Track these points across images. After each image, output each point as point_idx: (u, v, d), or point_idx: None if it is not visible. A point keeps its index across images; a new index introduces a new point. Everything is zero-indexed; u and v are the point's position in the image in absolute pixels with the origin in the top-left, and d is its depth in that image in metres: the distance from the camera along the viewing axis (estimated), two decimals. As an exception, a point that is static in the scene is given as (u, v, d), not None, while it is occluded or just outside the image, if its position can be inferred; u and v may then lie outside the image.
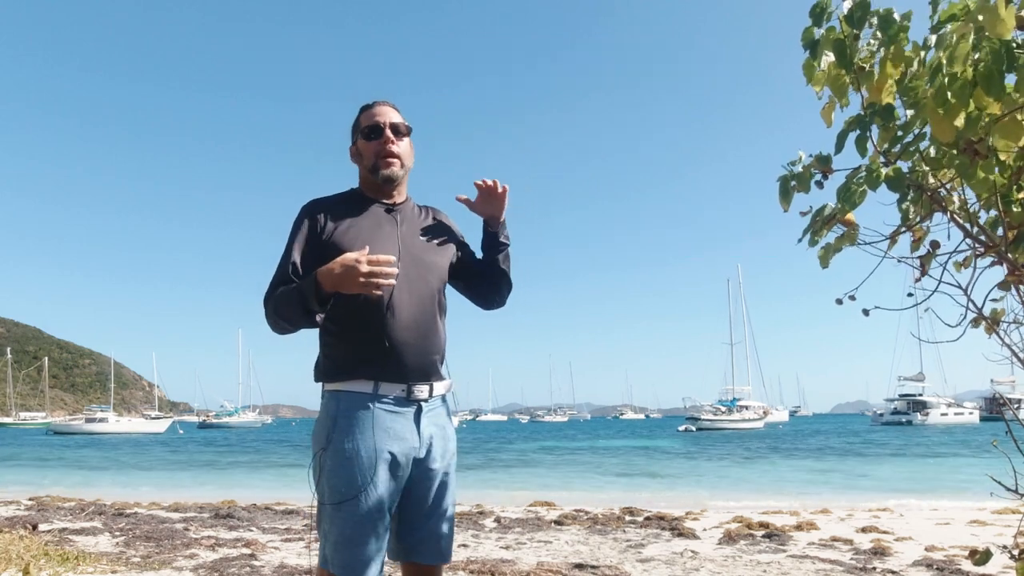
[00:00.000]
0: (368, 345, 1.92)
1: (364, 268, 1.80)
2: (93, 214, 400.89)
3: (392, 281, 1.87)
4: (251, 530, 6.85)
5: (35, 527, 6.51)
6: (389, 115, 2.06)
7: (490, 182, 2.11)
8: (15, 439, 45.84)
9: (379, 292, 1.86)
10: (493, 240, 2.18)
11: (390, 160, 2.03)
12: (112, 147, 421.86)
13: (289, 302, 1.90)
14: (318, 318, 1.94)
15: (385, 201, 2.08)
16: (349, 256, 1.83)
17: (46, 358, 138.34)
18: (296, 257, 1.98)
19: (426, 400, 1.98)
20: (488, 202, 2.15)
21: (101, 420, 57.27)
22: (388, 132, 2.03)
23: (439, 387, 2.03)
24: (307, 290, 1.86)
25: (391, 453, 1.90)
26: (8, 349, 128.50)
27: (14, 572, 4.28)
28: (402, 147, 2.07)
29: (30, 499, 9.82)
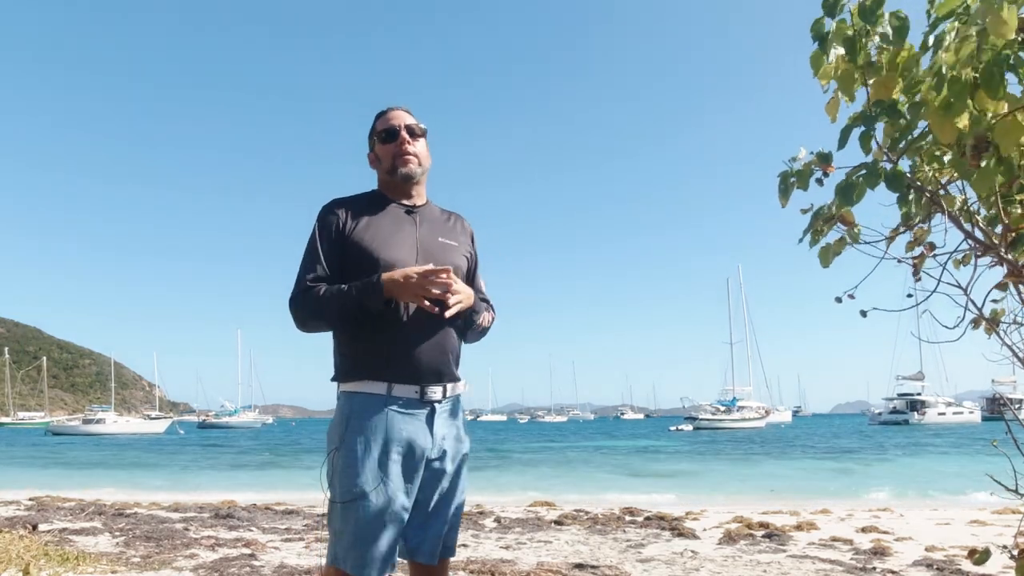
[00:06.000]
0: (382, 346, 1.95)
1: (421, 281, 1.87)
2: (93, 214, 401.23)
3: (450, 297, 1.92)
4: (251, 530, 6.85)
5: (35, 527, 6.51)
6: (404, 118, 2.11)
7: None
8: (13, 439, 45.78)
9: (430, 306, 1.90)
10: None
11: (407, 159, 2.08)
12: (112, 148, 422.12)
13: (343, 302, 1.92)
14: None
15: (404, 202, 2.11)
16: (413, 268, 1.91)
17: (44, 358, 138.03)
18: (324, 255, 2.01)
19: (439, 401, 1.99)
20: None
21: (99, 421, 57.05)
22: (404, 133, 2.08)
23: (453, 388, 2.04)
24: (370, 293, 1.89)
25: (403, 454, 1.91)
26: (6, 349, 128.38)
27: (14, 572, 4.28)
28: (418, 148, 2.11)
29: (30, 499, 9.80)
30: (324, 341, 2.11)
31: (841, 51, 1.64)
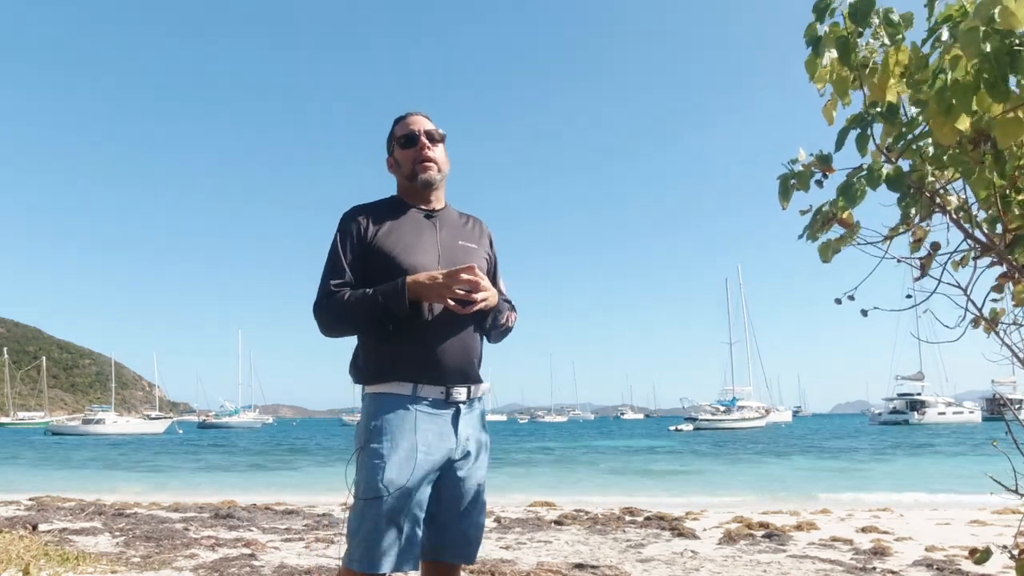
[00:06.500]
0: (407, 348, 1.96)
1: (447, 281, 1.89)
2: (94, 215, 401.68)
3: (476, 296, 1.93)
4: (251, 530, 6.85)
5: (35, 527, 6.51)
6: (423, 123, 2.13)
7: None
8: (13, 439, 45.75)
9: (455, 306, 1.91)
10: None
11: (427, 165, 2.09)
12: (113, 150, 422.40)
13: (367, 307, 1.93)
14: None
15: (424, 207, 2.13)
16: (439, 272, 1.93)
17: (44, 357, 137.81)
18: (347, 261, 2.02)
19: (464, 402, 2.01)
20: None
21: (99, 421, 56.96)
22: (423, 138, 2.10)
23: (476, 389, 2.06)
24: (395, 296, 1.90)
25: (428, 454, 1.92)
26: (6, 349, 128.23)
27: (14, 572, 4.28)
28: (437, 153, 2.12)
29: (30, 499, 9.80)
30: (324, 343, 2.12)
31: (835, 54, 1.64)
